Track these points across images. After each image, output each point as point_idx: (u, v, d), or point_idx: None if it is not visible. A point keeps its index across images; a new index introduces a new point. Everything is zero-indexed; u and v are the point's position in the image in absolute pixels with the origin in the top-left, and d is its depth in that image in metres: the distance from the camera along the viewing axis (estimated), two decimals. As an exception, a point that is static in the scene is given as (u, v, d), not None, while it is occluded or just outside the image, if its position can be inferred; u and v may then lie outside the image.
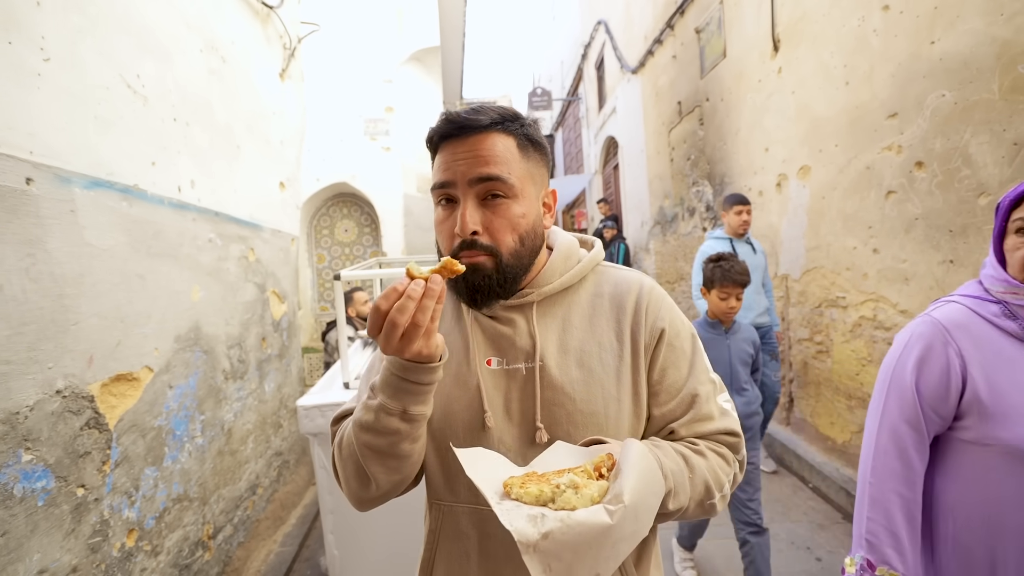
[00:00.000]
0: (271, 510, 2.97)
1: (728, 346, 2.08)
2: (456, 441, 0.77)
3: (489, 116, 0.75)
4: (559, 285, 0.80)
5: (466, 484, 0.77)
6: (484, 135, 0.74)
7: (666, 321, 0.80)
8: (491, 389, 0.77)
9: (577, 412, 0.75)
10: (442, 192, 0.76)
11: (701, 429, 0.77)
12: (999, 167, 2.08)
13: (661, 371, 0.78)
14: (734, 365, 2.08)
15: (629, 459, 0.61)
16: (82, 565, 1.46)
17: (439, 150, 0.78)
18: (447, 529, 0.79)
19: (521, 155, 0.76)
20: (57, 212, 1.44)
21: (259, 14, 3.03)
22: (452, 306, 0.87)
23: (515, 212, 0.74)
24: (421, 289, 0.62)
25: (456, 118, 0.75)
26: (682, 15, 5.36)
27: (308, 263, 6.62)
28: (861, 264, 2.89)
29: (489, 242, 0.73)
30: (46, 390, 1.37)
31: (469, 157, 0.73)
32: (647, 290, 0.82)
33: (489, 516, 0.74)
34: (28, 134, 1.34)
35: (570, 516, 0.54)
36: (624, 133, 8.01)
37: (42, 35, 1.40)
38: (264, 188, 3.05)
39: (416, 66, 6.81)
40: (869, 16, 2.73)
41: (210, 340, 2.31)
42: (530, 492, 0.58)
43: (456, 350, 0.81)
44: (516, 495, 0.59)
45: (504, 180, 0.73)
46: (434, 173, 0.78)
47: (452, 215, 0.75)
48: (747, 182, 4.21)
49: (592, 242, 0.89)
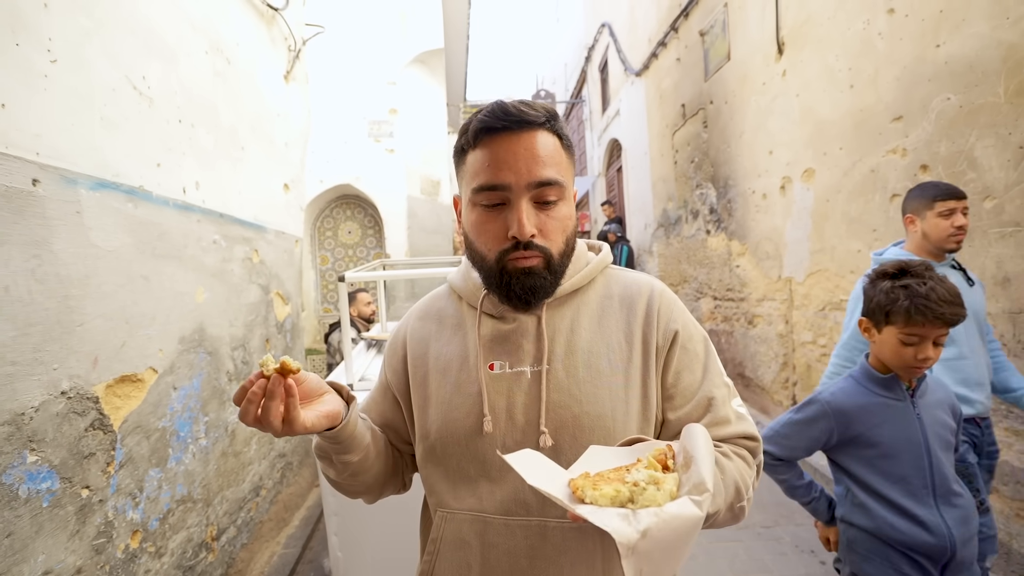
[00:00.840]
0: (274, 512, 2.97)
1: (918, 418, 1.26)
2: (457, 448, 0.75)
3: (541, 112, 0.72)
4: (569, 287, 0.79)
5: (472, 490, 0.75)
6: (537, 132, 0.72)
7: (679, 323, 0.79)
8: (493, 394, 0.76)
9: (584, 415, 0.73)
10: (492, 196, 0.72)
11: (720, 433, 0.75)
12: (1004, 170, 2.07)
13: (676, 374, 0.77)
14: (931, 448, 1.24)
15: (699, 446, 0.57)
16: (86, 566, 1.46)
17: (483, 143, 0.72)
18: (448, 537, 0.76)
19: (566, 155, 0.76)
20: (63, 213, 1.44)
21: (264, 16, 3.04)
22: (453, 313, 0.85)
23: (564, 214, 0.74)
24: (261, 391, 0.63)
25: (512, 110, 0.70)
26: (686, 18, 5.36)
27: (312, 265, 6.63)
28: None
29: (544, 243, 0.72)
30: (51, 391, 1.37)
31: (527, 157, 0.70)
32: (658, 292, 0.81)
33: (492, 525, 0.73)
34: (34, 135, 1.35)
35: (663, 511, 0.51)
36: (628, 135, 8.01)
37: (49, 37, 1.40)
38: (268, 190, 3.06)
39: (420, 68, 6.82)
40: (874, 19, 2.72)
41: (214, 341, 2.31)
42: (605, 493, 0.54)
43: (456, 358, 0.80)
44: (591, 498, 0.54)
45: (561, 184, 0.72)
46: (478, 171, 0.72)
47: (500, 216, 0.72)
48: (751, 185, 4.20)
49: (599, 246, 0.89)
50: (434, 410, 0.78)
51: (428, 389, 0.80)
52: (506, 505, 0.73)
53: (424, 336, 0.85)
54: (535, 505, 0.72)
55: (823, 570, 2.39)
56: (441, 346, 0.82)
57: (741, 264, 4.44)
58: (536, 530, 0.72)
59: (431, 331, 0.85)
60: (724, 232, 4.76)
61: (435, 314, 0.87)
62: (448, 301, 0.87)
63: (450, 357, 0.80)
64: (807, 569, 2.40)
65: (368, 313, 3.95)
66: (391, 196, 6.54)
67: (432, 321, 0.86)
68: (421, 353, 0.83)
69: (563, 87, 13.93)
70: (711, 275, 5.11)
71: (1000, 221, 2.09)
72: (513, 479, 0.71)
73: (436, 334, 0.84)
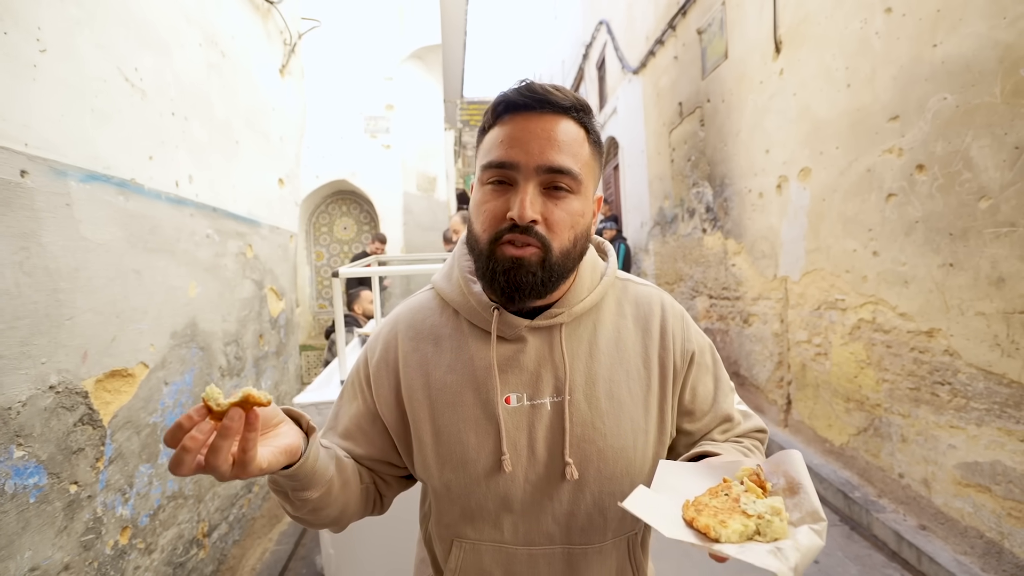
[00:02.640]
0: (267, 508, 2.96)
1: None
2: (478, 489, 0.71)
3: (569, 98, 0.67)
4: (589, 303, 0.73)
5: (492, 523, 0.72)
6: (561, 117, 0.66)
7: (694, 344, 0.79)
8: (512, 430, 0.70)
9: (608, 448, 0.71)
10: (498, 173, 0.66)
11: (737, 431, 0.80)
12: (1000, 171, 2.07)
13: (692, 390, 0.78)
14: None
15: (802, 472, 0.59)
16: (74, 563, 1.44)
17: (503, 121, 0.67)
18: (470, 568, 0.74)
19: (591, 149, 0.69)
20: (52, 205, 1.42)
21: (259, 9, 3.01)
22: (452, 332, 0.76)
23: (576, 208, 0.67)
24: (208, 429, 0.52)
25: (537, 89, 0.66)
26: (684, 16, 5.35)
27: (307, 260, 6.60)
28: (861, 267, 2.89)
29: (546, 233, 0.65)
30: (39, 385, 1.35)
31: (543, 138, 0.65)
32: (669, 311, 0.79)
33: (516, 556, 0.72)
34: (23, 126, 1.33)
35: (800, 544, 0.52)
36: (625, 133, 8.00)
37: (38, 26, 1.38)
38: (263, 184, 3.03)
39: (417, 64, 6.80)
40: (871, 18, 2.72)
41: (207, 337, 2.29)
42: (735, 530, 0.54)
43: (466, 389, 0.72)
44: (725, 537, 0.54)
45: (574, 175, 0.65)
46: (491, 147, 0.67)
47: (503, 197, 0.66)
48: (747, 184, 4.20)
49: (600, 243, 0.84)
50: (445, 448, 0.72)
51: (436, 424, 0.72)
52: (530, 537, 0.72)
53: (420, 362, 0.75)
54: (559, 535, 0.72)
55: (816, 569, 2.39)
56: (443, 374, 0.73)
57: (737, 263, 4.45)
58: (560, 557, 0.72)
59: (427, 355, 0.75)
60: (720, 231, 4.76)
61: (428, 334, 0.77)
62: (441, 316, 0.78)
63: (457, 388, 0.72)
64: (800, 567, 2.41)
65: (371, 310, 3.96)
66: (387, 192, 6.52)
67: (427, 343, 0.76)
68: (421, 384, 0.74)
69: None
70: (707, 274, 5.12)
71: (995, 221, 2.10)
72: (537, 512, 0.71)
73: (434, 359, 0.75)
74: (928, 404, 2.46)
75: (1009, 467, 2.07)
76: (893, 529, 2.50)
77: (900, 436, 2.64)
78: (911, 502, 2.58)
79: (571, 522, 0.72)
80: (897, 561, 2.43)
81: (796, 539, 0.53)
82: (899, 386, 2.64)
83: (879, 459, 2.79)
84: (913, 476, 2.56)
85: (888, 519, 2.57)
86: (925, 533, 2.44)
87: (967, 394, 2.24)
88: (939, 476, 2.40)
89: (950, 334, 2.32)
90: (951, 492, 2.34)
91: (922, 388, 2.49)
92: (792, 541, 0.53)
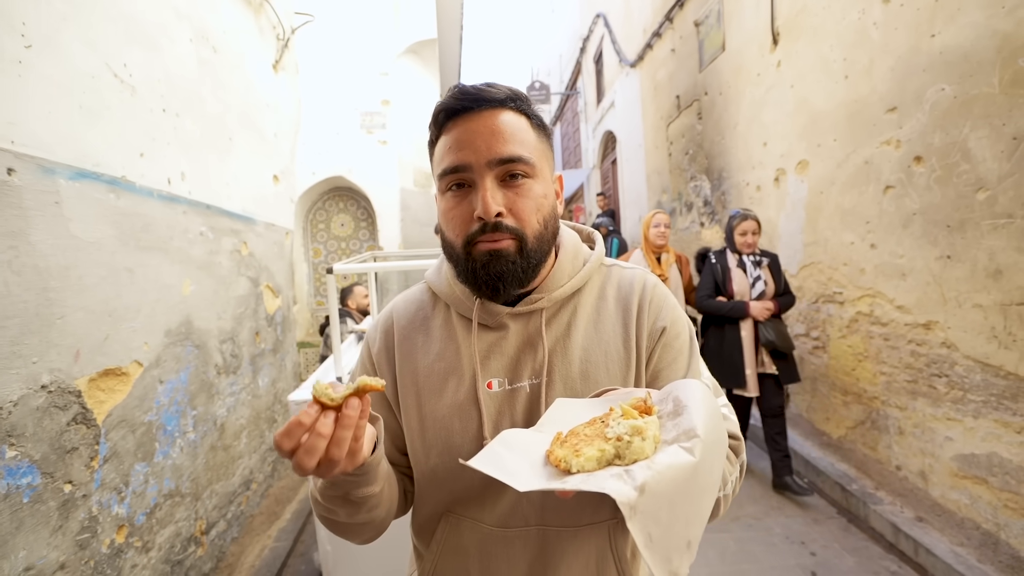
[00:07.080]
0: (265, 505, 2.96)
1: None
2: (463, 472, 0.70)
3: (502, 91, 0.69)
4: (569, 288, 0.75)
5: (478, 503, 0.73)
6: (499, 111, 0.69)
7: (668, 320, 0.76)
8: (494, 414, 0.72)
9: None
10: (454, 178, 0.69)
11: None
12: (998, 162, 2.06)
13: (655, 370, 0.75)
14: None
15: (692, 395, 0.53)
16: (70, 562, 1.44)
17: (446, 129, 0.70)
18: (450, 542, 0.75)
19: (536, 134, 0.71)
20: (41, 204, 1.41)
21: (251, 3, 2.98)
22: (442, 323, 0.79)
23: (537, 192, 0.69)
24: (332, 423, 0.52)
25: (470, 91, 0.68)
26: (681, 8, 5.32)
27: (304, 257, 6.58)
28: (858, 259, 2.88)
29: (515, 224, 0.67)
30: (31, 385, 1.34)
31: (486, 134, 0.67)
32: (650, 288, 0.78)
33: (491, 536, 0.72)
34: (9, 123, 1.31)
35: (655, 463, 0.46)
36: (622, 127, 7.97)
37: (23, 21, 1.36)
38: (258, 181, 3.02)
39: (413, 59, 6.75)
40: (869, 9, 2.70)
41: (202, 334, 2.28)
42: (590, 457, 0.49)
43: (451, 376, 0.74)
44: (576, 466, 0.49)
45: (526, 160, 0.68)
46: (442, 156, 0.70)
47: (466, 200, 0.68)
48: (745, 177, 4.19)
49: (590, 234, 0.85)
50: (431, 434, 0.74)
51: (422, 410, 0.75)
52: (504, 518, 0.72)
53: (410, 351, 0.79)
54: (533, 515, 0.72)
55: (813, 561, 2.40)
56: (431, 362, 0.76)
57: (735, 256, 4.44)
58: (534, 538, 0.72)
59: (417, 344, 0.79)
60: (718, 224, 4.75)
61: (420, 325, 0.80)
62: (433, 308, 0.81)
63: (443, 376, 0.75)
64: (797, 560, 2.41)
65: (365, 305, 3.96)
66: (384, 188, 6.49)
67: (419, 333, 0.80)
68: (410, 372, 0.77)
69: (558, 79, 13.85)
70: (705, 267, 5.11)
71: (993, 212, 2.08)
72: (512, 492, 0.70)
73: (424, 348, 0.78)
74: (925, 396, 2.45)
75: (1006, 459, 2.07)
76: (890, 521, 2.50)
77: (897, 428, 2.64)
78: (908, 494, 2.58)
79: (545, 501, 0.72)
80: (894, 553, 2.43)
81: (654, 459, 0.47)
82: (896, 379, 2.63)
83: (876, 452, 2.80)
84: (910, 468, 2.56)
85: (885, 511, 2.58)
86: (922, 525, 2.44)
87: (964, 386, 2.24)
88: (936, 468, 2.40)
89: (947, 326, 2.31)
90: (948, 484, 2.34)
91: (919, 381, 2.49)
92: (646, 461, 0.47)
